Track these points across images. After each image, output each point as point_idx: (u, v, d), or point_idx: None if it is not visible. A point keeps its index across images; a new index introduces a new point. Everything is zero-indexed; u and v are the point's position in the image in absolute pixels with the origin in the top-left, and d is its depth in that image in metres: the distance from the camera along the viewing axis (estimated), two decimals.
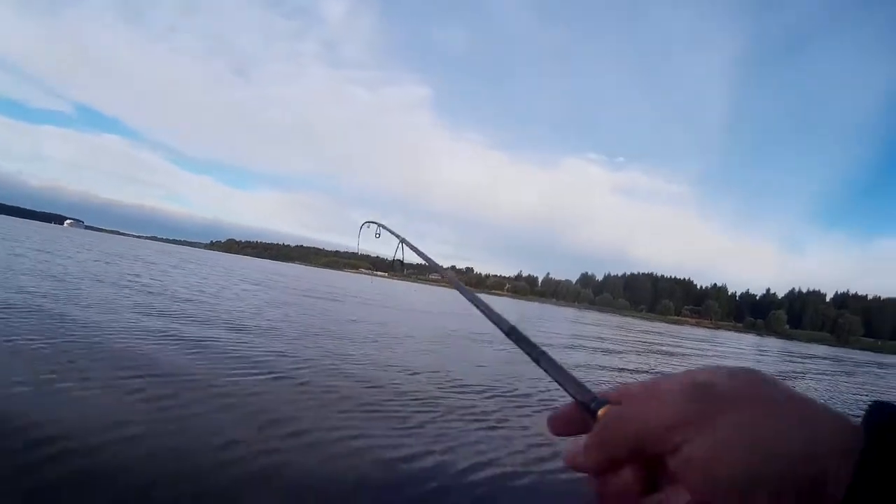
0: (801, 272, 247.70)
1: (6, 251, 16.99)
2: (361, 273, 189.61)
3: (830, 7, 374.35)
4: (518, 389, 6.55)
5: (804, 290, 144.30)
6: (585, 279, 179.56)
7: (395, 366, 7.19)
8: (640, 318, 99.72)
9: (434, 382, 6.45)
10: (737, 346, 33.39)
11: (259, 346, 7.11)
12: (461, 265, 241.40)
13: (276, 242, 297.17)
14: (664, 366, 13.84)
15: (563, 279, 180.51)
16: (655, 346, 21.14)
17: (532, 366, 0.43)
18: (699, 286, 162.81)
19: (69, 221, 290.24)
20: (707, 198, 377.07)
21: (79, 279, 12.17)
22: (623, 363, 12.85)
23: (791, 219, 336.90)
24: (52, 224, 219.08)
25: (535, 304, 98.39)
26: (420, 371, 7.01)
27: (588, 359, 12.35)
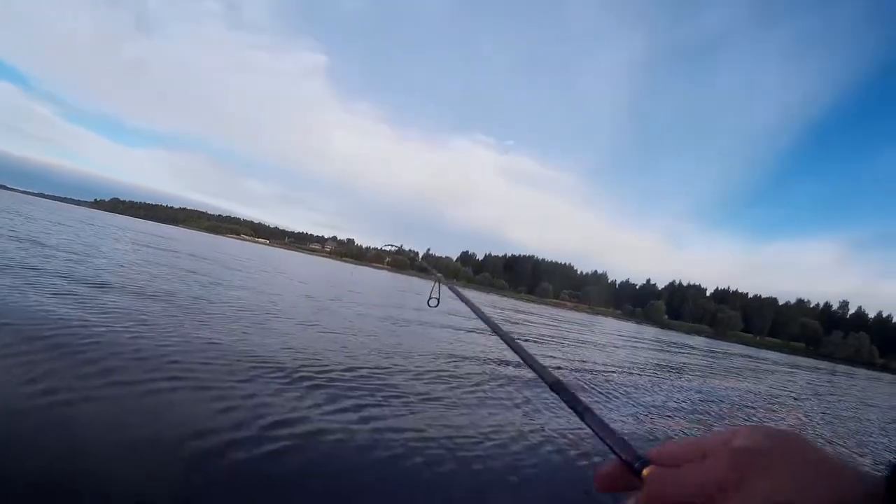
0: (683, 267, 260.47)
1: None
2: (243, 239, 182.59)
3: (738, 20, 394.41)
4: None
5: (685, 284, 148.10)
6: (465, 257, 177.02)
7: None
8: (519, 300, 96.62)
9: None
10: (616, 333, 30.63)
11: None
12: (342, 236, 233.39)
13: (161, 203, 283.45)
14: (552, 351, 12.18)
15: (444, 256, 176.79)
16: (537, 330, 18.82)
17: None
18: (580, 272, 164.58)
19: None
20: (595, 189, 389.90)
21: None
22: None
23: (675, 216, 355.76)
24: None
25: (414, 280, 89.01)
26: None
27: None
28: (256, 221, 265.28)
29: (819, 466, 0.41)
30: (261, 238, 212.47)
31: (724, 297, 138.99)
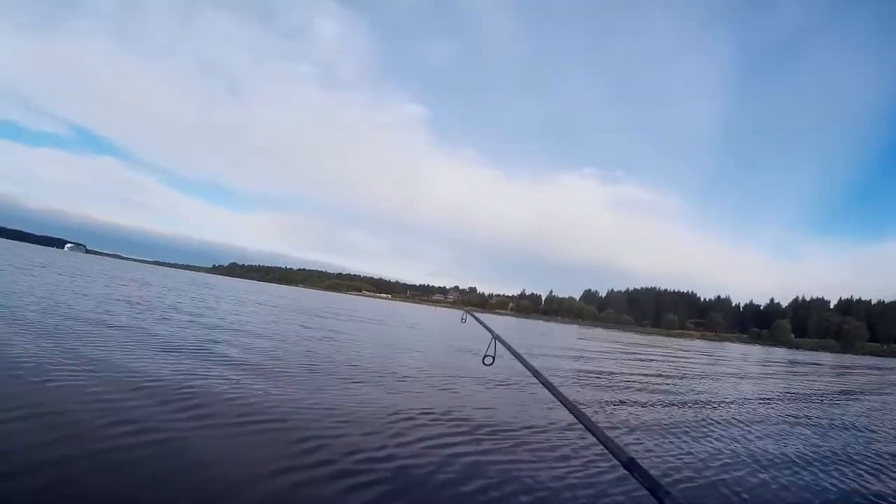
0: (803, 281, 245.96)
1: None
2: (366, 295, 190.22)
3: (821, 10, 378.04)
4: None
5: (807, 298, 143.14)
6: (588, 296, 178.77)
7: None
8: (644, 334, 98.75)
9: None
10: (742, 360, 32.93)
11: None
12: (463, 285, 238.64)
13: (278, 266, 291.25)
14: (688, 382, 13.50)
15: (567, 296, 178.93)
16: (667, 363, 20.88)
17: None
18: (702, 299, 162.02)
19: (69, 245, 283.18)
20: (705, 209, 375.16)
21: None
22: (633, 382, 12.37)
23: (790, 227, 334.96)
24: (54, 248, 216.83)
25: (540, 322, 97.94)
26: None
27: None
28: (376, 277, 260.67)
29: None
30: (382, 293, 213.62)
31: (848, 307, 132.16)
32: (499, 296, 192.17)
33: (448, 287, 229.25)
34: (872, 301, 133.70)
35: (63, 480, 3.11)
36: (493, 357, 2.05)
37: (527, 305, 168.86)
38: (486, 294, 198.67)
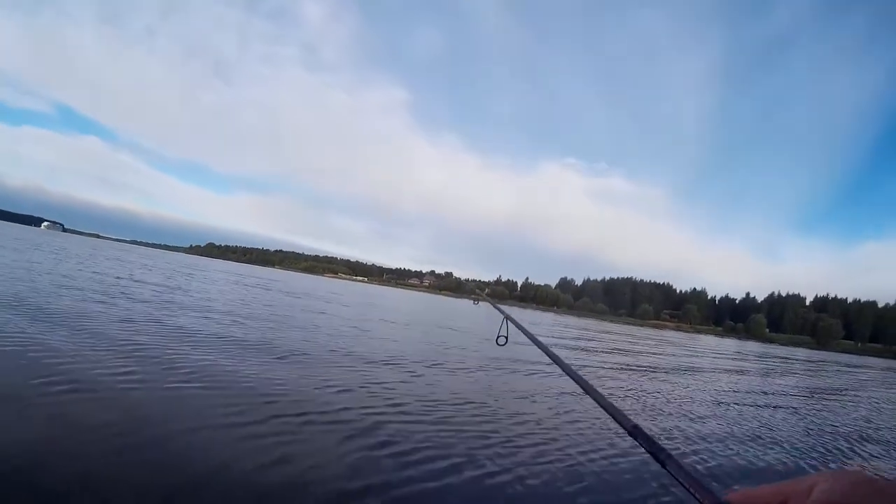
0: (781, 277, 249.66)
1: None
2: (342, 278, 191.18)
3: (810, 12, 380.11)
4: None
5: (784, 294, 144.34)
6: (564, 284, 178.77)
7: None
8: (618, 323, 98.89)
9: None
10: (715, 352, 31.73)
11: None
12: (440, 269, 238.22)
13: (255, 247, 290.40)
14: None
15: (543, 283, 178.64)
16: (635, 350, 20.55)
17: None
18: (678, 290, 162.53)
19: (46, 224, 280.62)
20: (686, 202, 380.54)
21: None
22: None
23: (771, 224, 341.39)
24: (31, 227, 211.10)
25: (515, 309, 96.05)
26: None
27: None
28: (353, 260, 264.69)
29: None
30: (359, 276, 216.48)
31: (824, 305, 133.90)
32: (475, 281, 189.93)
33: (424, 272, 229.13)
34: (849, 300, 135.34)
35: None
36: (507, 337, 2.07)
37: (502, 292, 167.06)
38: (463, 279, 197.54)
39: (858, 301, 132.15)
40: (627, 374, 12.31)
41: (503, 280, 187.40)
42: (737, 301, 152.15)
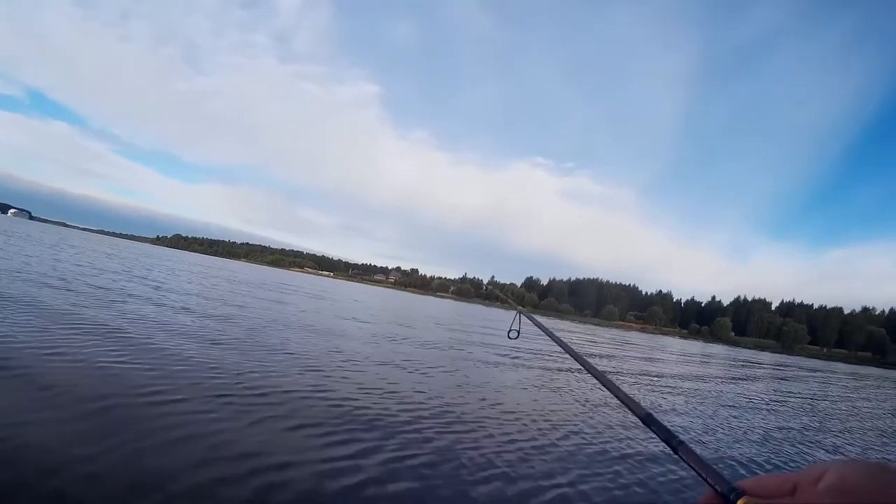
0: (747, 281, 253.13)
1: None
2: (307, 272, 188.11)
3: (786, 19, 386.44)
4: None
5: (749, 299, 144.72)
6: (530, 283, 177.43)
7: None
8: (583, 323, 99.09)
9: None
10: (681, 356, 30.49)
11: None
12: (406, 266, 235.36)
13: (222, 239, 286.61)
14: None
15: (508, 282, 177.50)
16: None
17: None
18: (644, 292, 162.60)
19: (13, 211, 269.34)
20: (656, 206, 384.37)
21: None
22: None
23: (738, 229, 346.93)
24: None
25: (480, 308, 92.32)
26: None
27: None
28: (319, 254, 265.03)
29: None
30: (324, 271, 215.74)
31: (790, 310, 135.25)
32: (440, 278, 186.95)
33: (390, 268, 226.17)
34: (815, 306, 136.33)
35: None
36: (518, 331, 2.06)
37: (467, 290, 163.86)
38: (428, 276, 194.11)
39: (824, 307, 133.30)
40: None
41: (469, 277, 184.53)
42: (702, 304, 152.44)
